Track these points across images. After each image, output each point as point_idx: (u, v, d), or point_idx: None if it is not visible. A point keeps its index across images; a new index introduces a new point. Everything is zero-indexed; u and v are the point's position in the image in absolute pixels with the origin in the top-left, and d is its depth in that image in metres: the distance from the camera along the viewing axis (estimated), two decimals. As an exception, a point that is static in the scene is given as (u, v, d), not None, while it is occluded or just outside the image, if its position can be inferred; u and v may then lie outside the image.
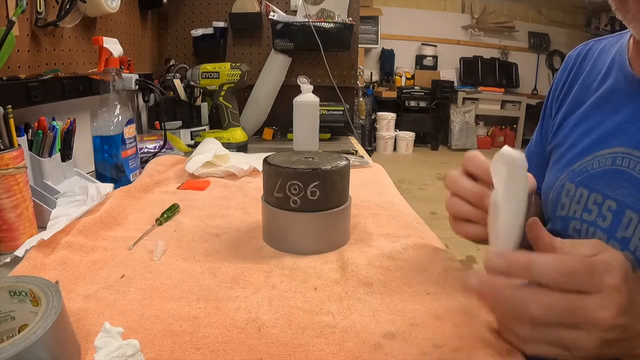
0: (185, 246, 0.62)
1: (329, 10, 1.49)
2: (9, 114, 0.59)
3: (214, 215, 0.74)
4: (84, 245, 0.59)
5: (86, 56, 1.05)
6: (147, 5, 1.39)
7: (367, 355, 0.39)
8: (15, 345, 0.31)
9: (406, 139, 5.08)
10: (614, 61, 0.56)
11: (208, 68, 1.22)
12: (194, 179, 0.95)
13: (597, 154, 0.53)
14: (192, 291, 0.50)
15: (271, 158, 0.62)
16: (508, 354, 0.39)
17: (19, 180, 0.59)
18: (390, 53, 5.41)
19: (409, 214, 0.76)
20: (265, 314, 0.46)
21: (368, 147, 4.65)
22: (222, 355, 0.39)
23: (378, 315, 0.46)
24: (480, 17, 5.49)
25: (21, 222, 0.60)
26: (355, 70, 1.59)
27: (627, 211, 0.47)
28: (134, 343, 0.35)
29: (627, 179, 0.48)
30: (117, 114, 0.84)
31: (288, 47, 1.44)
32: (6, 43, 0.71)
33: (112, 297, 0.48)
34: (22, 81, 0.80)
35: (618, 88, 0.54)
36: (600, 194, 0.51)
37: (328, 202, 0.59)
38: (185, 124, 1.33)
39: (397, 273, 0.55)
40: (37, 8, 0.84)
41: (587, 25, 5.60)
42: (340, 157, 0.63)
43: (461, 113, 5.29)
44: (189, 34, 1.51)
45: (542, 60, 5.74)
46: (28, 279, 0.40)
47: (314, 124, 1.23)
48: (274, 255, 0.60)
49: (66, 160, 0.81)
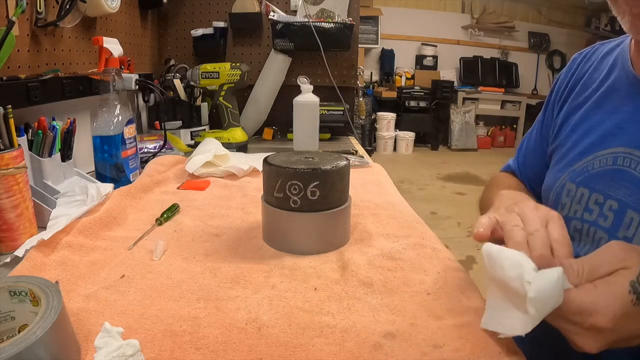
0: (185, 246, 0.62)
1: (329, 10, 1.49)
2: (9, 114, 0.59)
3: (214, 215, 0.74)
4: (84, 245, 0.59)
5: (86, 56, 1.05)
6: (147, 5, 1.39)
7: (367, 355, 0.39)
8: (15, 345, 0.31)
9: (406, 139, 5.08)
10: (616, 61, 0.56)
11: (208, 68, 1.22)
12: (194, 179, 0.95)
13: (598, 154, 0.53)
14: (192, 291, 0.50)
15: (271, 158, 0.62)
16: (508, 354, 0.39)
17: (19, 180, 0.59)
18: (390, 53, 5.41)
19: (409, 214, 0.76)
20: (265, 314, 0.46)
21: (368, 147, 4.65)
22: (222, 355, 0.39)
23: (378, 315, 0.46)
24: (480, 17, 5.49)
25: (21, 222, 0.60)
26: (355, 70, 1.59)
27: (629, 211, 0.48)
28: (134, 343, 0.35)
29: (628, 179, 0.48)
30: (117, 114, 0.84)
31: (288, 47, 1.44)
32: (6, 43, 0.71)
33: (112, 297, 0.48)
34: (22, 81, 0.80)
35: (619, 87, 0.54)
36: (601, 193, 0.51)
37: (328, 202, 0.59)
38: (185, 124, 1.33)
39: (397, 273, 0.55)
40: (37, 8, 0.84)
41: (587, 25, 5.60)
42: (340, 157, 0.63)
43: (461, 113, 5.29)
44: (189, 34, 1.51)
45: (542, 60, 5.74)
46: (28, 279, 0.40)
47: (314, 124, 1.23)
48: (274, 255, 0.60)
49: (66, 160, 0.81)
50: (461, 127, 5.30)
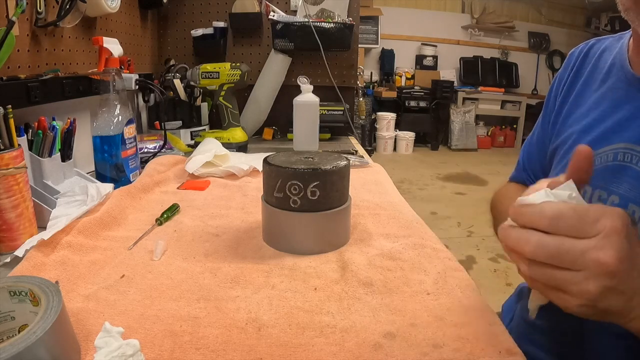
0: (185, 246, 0.62)
1: (329, 10, 1.49)
2: (9, 114, 0.59)
3: (214, 215, 0.74)
4: (84, 245, 0.59)
5: (86, 56, 1.05)
6: (147, 5, 1.39)
7: (367, 355, 0.39)
8: (15, 345, 0.31)
9: (406, 139, 5.08)
10: (614, 61, 0.57)
11: (208, 68, 1.22)
12: (194, 179, 0.95)
13: (599, 151, 0.53)
14: (192, 291, 0.50)
15: (271, 158, 0.62)
16: (508, 354, 0.39)
17: (19, 180, 0.59)
18: (390, 53, 5.41)
19: (409, 214, 0.76)
20: (265, 314, 0.46)
21: (368, 147, 4.65)
22: (222, 355, 0.39)
23: (378, 315, 0.46)
24: (480, 17, 5.49)
25: (21, 222, 0.60)
26: (355, 70, 1.59)
27: (630, 205, 0.48)
28: (134, 343, 0.35)
29: (630, 174, 0.49)
30: (117, 114, 0.84)
31: (288, 47, 1.44)
32: (6, 43, 0.71)
33: (112, 297, 0.48)
34: (22, 81, 0.80)
35: (618, 87, 0.54)
36: (604, 190, 0.51)
37: (328, 202, 0.59)
38: (185, 124, 1.33)
39: (397, 273, 0.55)
40: (37, 8, 0.84)
41: (587, 25, 5.60)
42: (340, 157, 0.63)
43: (461, 113, 5.29)
44: (189, 34, 1.51)
45: (542, 60, 5.74)
46: (28, 279, 0.40)
47: (314, 124, 1.23)
48: (274, 255, 0.60)
49: (66, 160, 0.81)
50: (461, 127, 5.30)
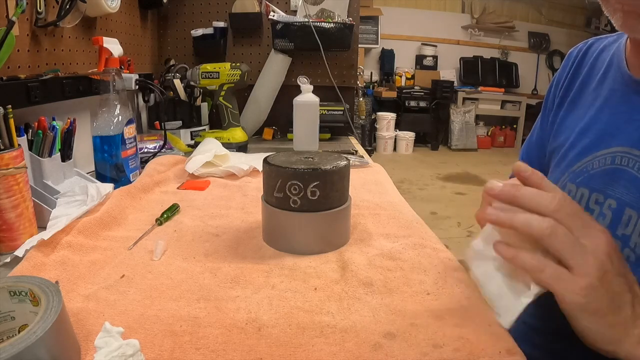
0: (185, 246, 0.62)
1: (329, 10, 1.49)
2: (9, 114, 0.59)
3: (214, 215, 0.74)
4: (84, 245, 0.59)
5: (86, 56, 1.05)
6: (147, 5, 1.39)
7: (367, 355, 0.39)
8: (15, 345, 0.31)
9: (406, 139, 5.08)
10: (612, 62, 0.56)
11: (208, 68, 1.22)
12: (194, 179, 0.95)
13: (597, 154, 0.53)
14: (192, 291, 0.50)
15: (271, 158, 0.62)
16: (508, 354, 0.39)
17: (19, 180, 0.59)
18: (390, 53, 5.41)
19: (409, 214, 0.76)
20: (265, 314, 0.46)
21: (368, 147, 4.65)
22: (222, 355, 0.39)
23: (378, 315, 0.46)
24: (480, 17, 5.49)
25: (21, 222, 0.60)
26: (355, 70, 1.59)
27: (627, 209, 0.48)
28: (134, 343, 0.35)
29: (627, 178, 0.49)
30: (117, 114, 0.84)
31: (288, 47, 1.44)
32: (6, 43, 0.71)
33: (112, 297, 0.48)
34: (22, 81, 0.80)
35: (615, 89, 0.54)
36: (601, 193, 0.51)
37: (328, 202, 0.59)
38: (185, 124, 1.33)
39: (397, 273, 0.55)
40: (37, 8, 0.84)
41: (587, 25, 5.60)
42: (340, 157, 0.63)
43: (461, 113, 5.30)
44: (189, 34, 1.51)
45: (542, 60, 5.74)
46: (28, 279, 0.40)
47: (314, 124, 1.23)
48: (274, 255, 0.60)
49: (66, 160, 0.81)
50: (461, 127, 5.30)
